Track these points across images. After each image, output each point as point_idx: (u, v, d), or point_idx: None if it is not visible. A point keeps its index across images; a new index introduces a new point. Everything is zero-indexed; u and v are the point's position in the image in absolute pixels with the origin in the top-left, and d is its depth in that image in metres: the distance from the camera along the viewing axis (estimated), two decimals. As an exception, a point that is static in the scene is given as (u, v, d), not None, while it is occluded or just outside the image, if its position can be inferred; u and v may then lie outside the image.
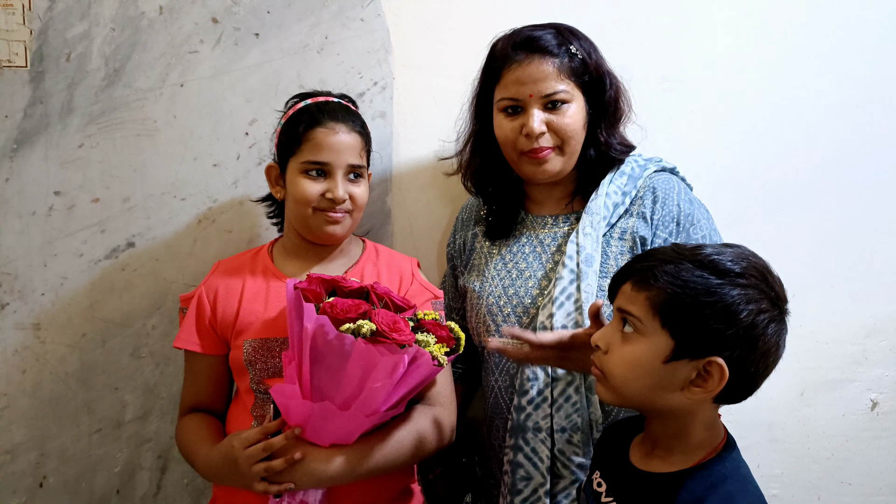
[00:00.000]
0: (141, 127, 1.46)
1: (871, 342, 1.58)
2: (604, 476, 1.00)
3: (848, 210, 1.55)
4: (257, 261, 1.29)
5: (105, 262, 1.47)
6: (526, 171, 1.25)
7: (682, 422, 0.91)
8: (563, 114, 1.19)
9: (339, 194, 1.19)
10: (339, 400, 1.05)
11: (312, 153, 1.20)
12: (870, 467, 1.61)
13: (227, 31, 1.47)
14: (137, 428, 1.52)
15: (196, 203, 1.49)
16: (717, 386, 0.85)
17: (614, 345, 0.91)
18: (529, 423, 1.19)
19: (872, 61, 1.52)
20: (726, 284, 0.85)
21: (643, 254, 0.96)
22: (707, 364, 0.85)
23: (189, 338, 1.24)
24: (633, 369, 0.89)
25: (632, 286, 0.90)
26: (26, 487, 1.48)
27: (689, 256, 0.88)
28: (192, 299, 1.26)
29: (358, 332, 1.02)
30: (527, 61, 1.19)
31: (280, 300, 1.23)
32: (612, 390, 0.92)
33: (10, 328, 1.45)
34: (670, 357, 0.86)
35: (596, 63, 1.23)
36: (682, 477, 0.89)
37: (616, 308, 0.92)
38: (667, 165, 1.30)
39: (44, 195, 1.44)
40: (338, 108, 1.24)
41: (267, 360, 1.20)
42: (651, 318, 0.87)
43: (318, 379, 1.05)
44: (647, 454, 0.95)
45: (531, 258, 1.28)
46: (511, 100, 1.21)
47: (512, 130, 1.22)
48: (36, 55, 1.41)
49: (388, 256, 1.34)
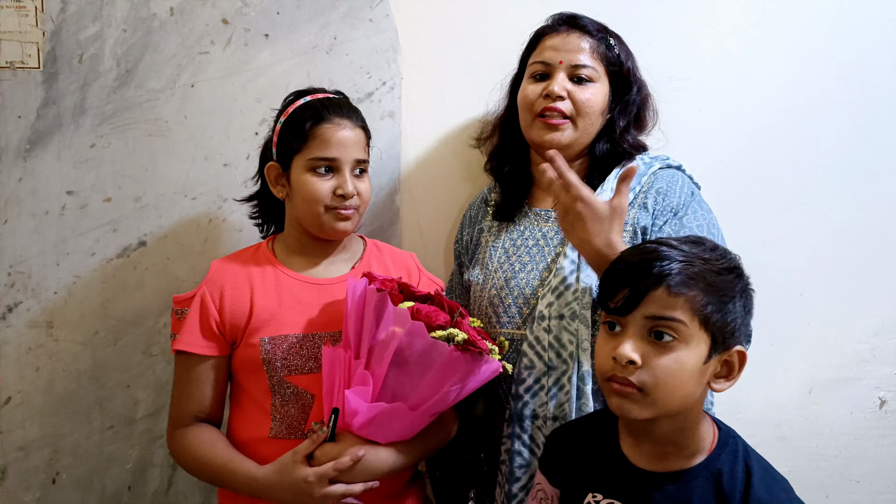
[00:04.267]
0: (153, 127, 1.47)
1: (879, 340, 1.58)
2: (610, 494, 0.94)
3: (856, 209, 1.55)
4: (260, 258, 1.26)
5: (117, 260, 1.49)
6: (536, 135, 1.27)
7: (689, 417, 0.91)
8: (585, 89, 1.25)
9: (349, 190, 1.19)
10: (411, 401, 1.08)
11: (320, 149, 1.19)
12: (878, 465, 1.61)
13: (237, 32, 1.48)
14: (149, 425, 1.53)
15: (207, 202, 1.51)
16: (739, 372, 0.89)
17: (650, 357, 0.86)
18: (526, 412, 1.20)
19: (881, 60, 1.52)
20: (737, 279, 0.89)
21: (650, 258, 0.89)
22: (729, 354, 0.89)
23: (193, 340, 1.19)
24: (678, 378, 0.86)
25: (668, 292, 0.85)
26: (39, 483, 1.49)
27: (694, 255, 0.88)
28: (193, 301, 1.21)
29: (451, 340, 1.05)
30: (566, 32, 1.27)
31: (293, 297, 1.21)
32: (652, 405, 0.87)
33: (23, 326, 1.46)
34: (708, 357, 0.87)
35: (629, 66, 1.30)
36: (712, 463, 0.90)
37: (644, 316, 0.87)
38: (672, 163, 1.31)
39: (57, 195, 1.45)
40: (341, 104, 1.24)
41: (287, 357, 1.18)
42: (693, 321, 0.85)
43: (394, 380, 1.07)
44: (657, 455, 0.93)
45: (534, 251, 1.30)
46: (542, 63, 1.27)
47: (534, 92, 1.27)
48: (49, 56, 1.43)
49: (389, 252, 1.35)
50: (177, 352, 1.20)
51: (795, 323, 1.58)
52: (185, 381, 1.21)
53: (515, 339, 1.25)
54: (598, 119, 1.27)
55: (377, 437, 1.11)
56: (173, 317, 1.23)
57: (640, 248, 0.94)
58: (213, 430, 1.21)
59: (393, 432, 1.12)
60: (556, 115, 1.24)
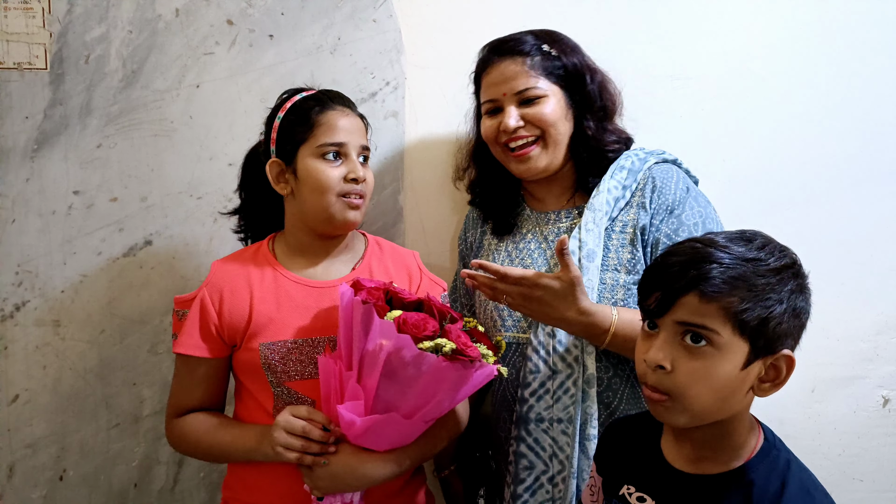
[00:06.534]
0: (158, 127, 1.49)
1: (882, 339, 1.58)
2: (643, 489, 0.94)
3: (859, 207, 1.55)
4: (259, 259, 1.24)
5: (123, 259, 1.50)
6: (515, 169, 1.29)
7: (735, 423, 0.88)
8: (537, 106, 1.24)
9: (360, 174, 1.18)
10: (404, 410, 1.08)
11: (328, 135, 1.18)
12: (881, 464, 1.60)
13: (241, 32, 1.49)
14: (155, 422, 1.54)
15: (212, 202, 1.52)
16: (787, 377, 0.85)
17: (681, 362, 0.83)
18: (532, 415, 1.21)
19: (885, 57, 1.52)
20: (784, 280, 0.83)
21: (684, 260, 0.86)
22: (775, 359, 0.84)
23: (193, 342, 1.18)
24: (711, 385, 0.83)
25: (700, 298, 0.82)
26: (47, 480, 1.51)
27: (737, 255, 0.83)
28: (193, 302, 1.20)
29: (439, 351, 1.04)
30: (498, 62, 1.26)
31: (291, 301, 1.20)
32: (685, 412, 0.85)
33: (30, 325, 1.48)
34: (747, 363, 0.83)
35: (574, 61, 1.27)
36: (746, 471, 0.87)
37: (675, 321, 0.84)
38: (668, 157, 1.30)
39: (63, 194, 1.47)
40: (339, 94, 1.25)
41: (287, 362, 1.17)
42: (727, 328, 0.82)
43: (386, 391, 1.07)
44: (694, 458, 0.90)
45: (536, 254, 1.30)
46: (490, 101, 1.28)
47: (492, 129, 1.27)
48: (55, 57, 1.44)
49: (391, 251, 1.34)
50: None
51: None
52: (185, 380, 1.22)
53: (521, 343, 1.25)
54: (564, 126, 1.26)
55: (374, 445, 1.12)
56: (174, 317, 1.23)
57: (681, 248, 0.90)
58: (207, 413, 1.23)
59: (389, 440, 1.12)
60: (521, 142, 1.25)
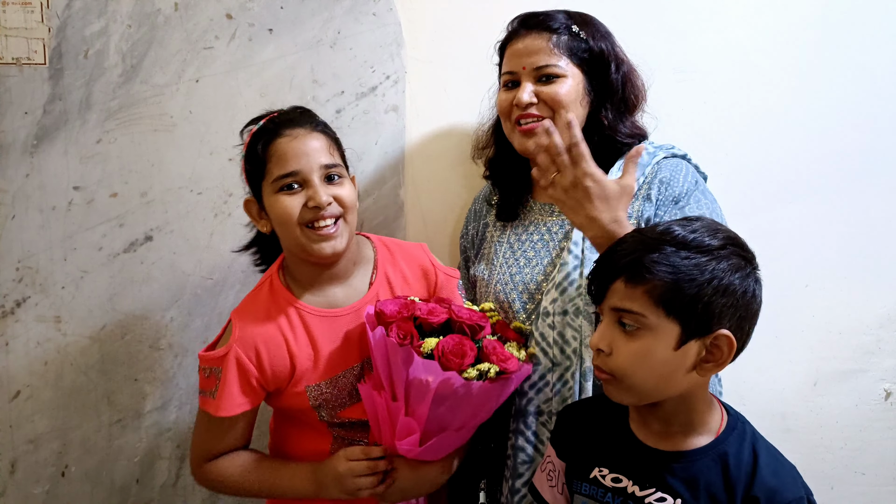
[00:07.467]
0: (158, 122, 1.48)
1: (884, 332, 1.58)
2: (617, 469, 0.96)
3: (861, 200, 1.55)
4: (278, 300, 1.19)
5: (124, 255, 1.50)
6: (517, 144, 1.27)
7: (692, 400, 0.93)
8: (553, 86, 1.22)
9: (320, 199, 1.10)
10: (455, 425, 1.13)
11: (279, 166, 1.11)
12: (883, 457, 1.61)
13: (241, 26, 1.48)
14: (157, 418, 1.54)
15: (212, 197, 1.51)
16: (728, 356, 0.88)
17: (618, 344, 0.89)
18: (531, 408, 1.21)
19: (888, 51, 1.52)
20: (714, 259, 0.86)
21: (616, 247, 0.93)
22: (714, 339, 0.87)
23: (237, 403, 1.14)
24: (645, 364, 0.88)
25: (625, 283, 0.88)
26: (49, 476, 1.51)
27: (667, 240, 0.87)
28: (226, 361, 1.13)
29: (484, 377, 1.07)
30: (524, 35, 1.25)
31: (324, 336, 1.19)
32: (627, 390, 0.91)
33: (31, 321, 1.48)
34: (679, 343, 0.87)
35: (602, 47, 1.25)
36: (718, 444, 0.91)
37: (610, 308, 0.91)
38: (678, 152, 1.29)
39: (64, 190, 1.46)
40: (292, 114, 1.19)
41: (336, 397, 1.19)
42: (654, 311, 0.86)
43: (436, 414, 1.10)
44: (665, 434, 0.94)
45: (539, 246, 1.29)
46: (509, 73, 1.27)
47: (506, 101, 1.26)
48: (54, 52, 1.44)
49: (401, 251, 1.31)
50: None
51: (800, 315, 1.58)
52: (217, 430, 1.18)
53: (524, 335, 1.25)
54: (576, 108, 1.23)
55: (430, 458, 1.17)
56: (201, 373, 1.19)
57: (622, 239, 0.96)
58: (241, 451, 1.21)
59: (443, 451, 1.17)
60: (530, 119, 1.24)
